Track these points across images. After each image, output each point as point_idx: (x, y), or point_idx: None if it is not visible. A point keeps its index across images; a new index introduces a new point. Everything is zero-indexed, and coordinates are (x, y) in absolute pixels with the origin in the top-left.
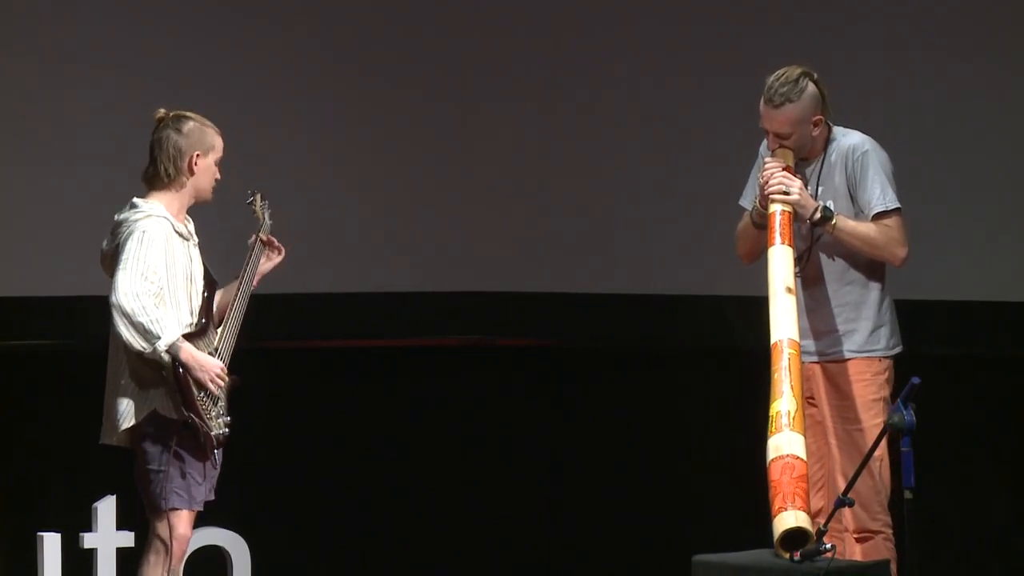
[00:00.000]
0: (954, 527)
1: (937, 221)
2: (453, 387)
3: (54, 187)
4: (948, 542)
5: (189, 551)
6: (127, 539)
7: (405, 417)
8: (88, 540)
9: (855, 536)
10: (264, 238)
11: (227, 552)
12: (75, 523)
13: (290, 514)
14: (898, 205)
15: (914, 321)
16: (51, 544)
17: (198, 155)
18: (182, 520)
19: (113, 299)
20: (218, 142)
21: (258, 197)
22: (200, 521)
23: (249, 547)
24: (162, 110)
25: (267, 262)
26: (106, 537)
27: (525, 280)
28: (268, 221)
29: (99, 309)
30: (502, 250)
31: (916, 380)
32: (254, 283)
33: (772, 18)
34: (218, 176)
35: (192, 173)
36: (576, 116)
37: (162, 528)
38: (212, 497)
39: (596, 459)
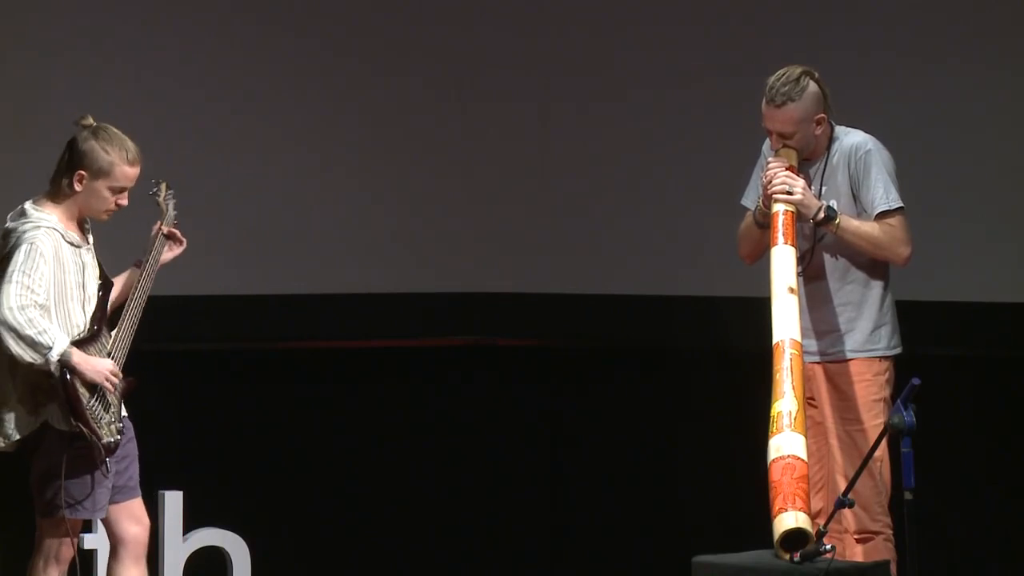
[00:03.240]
0: (954, 527)
1: (936, 221)
2: (453, 387)
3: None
4: (947, 542)
5: (189, 551)
6: (93, 541)
7: (405, 417)
8: (88, 540)
9: (855, 537)
10: (167, 230)
11: (227, 552)
12: None
13: (290, 514)
14: (901, 204)
15: (914, 321)
16: None
17: (83, 175)
18: (71, 528)
19: None
20: (119, 171)
21: (163, 187)
22: (200, 521)
23: (249, 547)
24: (90, 118)
25: (168, 252)
26: (106, 538)
27: (525, 280)
28: (171, 212)
29: None
30: (502, 250)
31: (916, 381)
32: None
33: (772, 19)
34: (121, 203)
35: (74, 191)
36: (576, 117)
37: (52, 534)
38: (138, 493)
39: (596, 459)
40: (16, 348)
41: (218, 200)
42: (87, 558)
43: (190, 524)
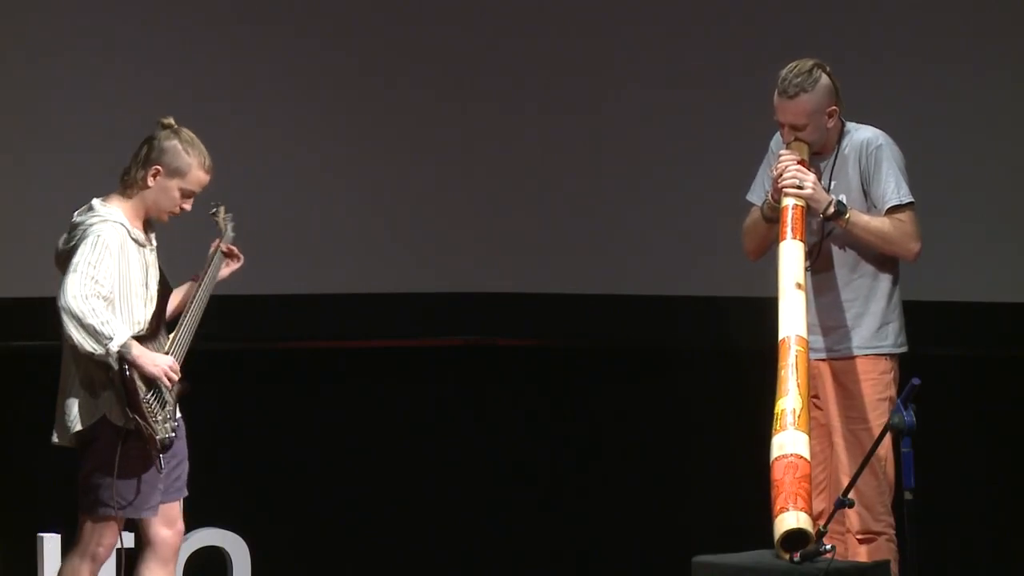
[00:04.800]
0: (954, 527)
1: (937, 221)
2: (453, 387)
3: (54, 187)
4: (947, 542)
5: (189, 551)
6: (127, 540)
7: (405, 417)
8: None
9: (858, 537)
10: (225, 248)
11: (227, 552)
12: (75, 523)
13: (290, 514)
14: (912, 199)
15: (914, 321)
16: (51, 544)
17: (158, 171)
18: (113, 528)
19: (61, 302)
20: (194, 174)
21: (221, 209)
22: (200, 521)
23: (249, 547)
24: (170, 119)
25: (225, 269)
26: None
27: (525, 280)
28: (231, 233)
29: None
30: (502, 250)
31: (916, 381)
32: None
33: (773, 19)
34: (185, 207)
35: (146, 186)
36: (577, 116)
37: (93, 532)
38: (183, 494)
39: (596, 459)
40: (77, 336)
41: (218, 200)
42: None
43: (190, 524)
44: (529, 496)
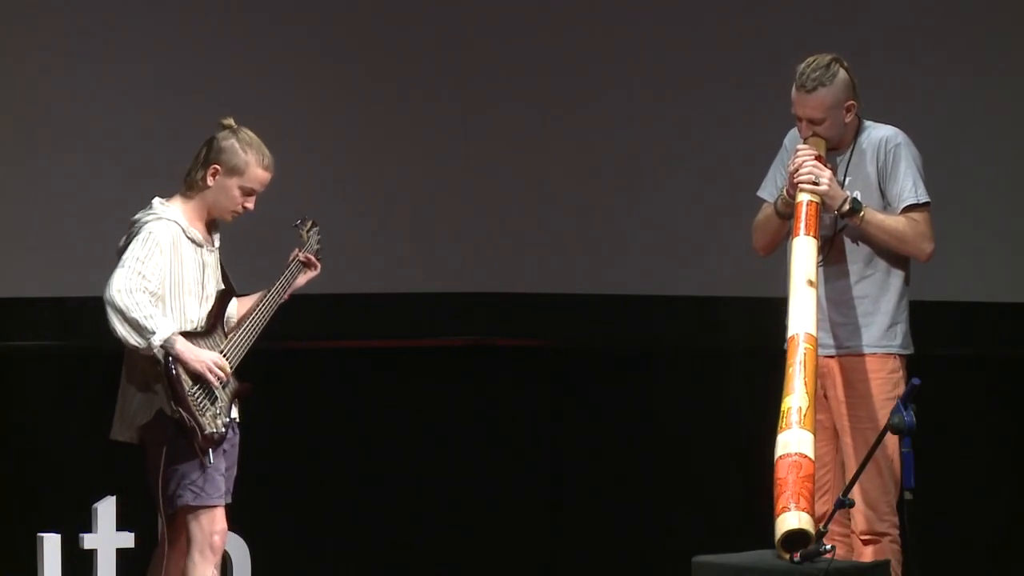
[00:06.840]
0: (954, 527)
1: (938, 222)
2: (453, 387)
3: (56, 188)
4: (948, 542)
5: None
6: (127, 540)
7: (405, 417)
8: (88, 541)
9: (863, 538)
10: (304, 258)
11: (227, 552)
12: (75, 523)
13: (291, 515)
14: (928, 200)
15: (914, 321)
16: (51, 544)
17: (217, 170)
18: (209, 516)
19: (106, 296)
20: (252, 171)
21: (309, 223)
22: None
23: (249, 547)
24: (230, 119)
25: (303, 277)
26: (106, 538)
27: (525, 280)
28: (315, 245)
29: (99, 309)
30: (502, 250)
31: (916, 381)
32: (285, 296)
33: (773, 19)
34: (247, 206)
35: (206, 185)
36: (577, 117)
37: (194, 527)
38: (228, 500)
39: (596, 459)
40: (121, 330)
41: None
42: (87, 557)
43: None
44: (529, 496)
